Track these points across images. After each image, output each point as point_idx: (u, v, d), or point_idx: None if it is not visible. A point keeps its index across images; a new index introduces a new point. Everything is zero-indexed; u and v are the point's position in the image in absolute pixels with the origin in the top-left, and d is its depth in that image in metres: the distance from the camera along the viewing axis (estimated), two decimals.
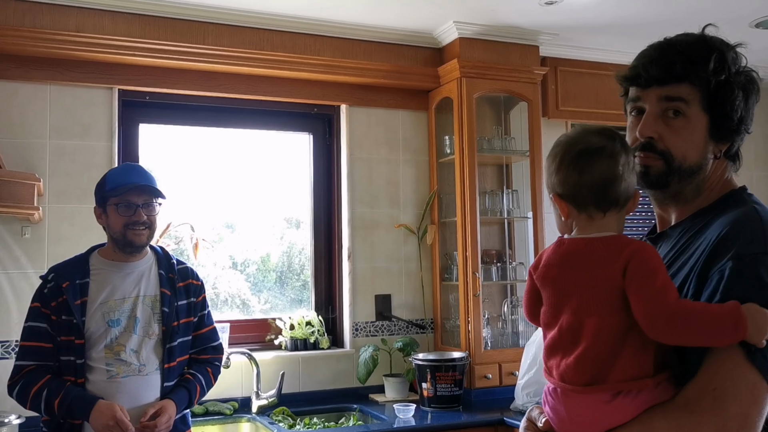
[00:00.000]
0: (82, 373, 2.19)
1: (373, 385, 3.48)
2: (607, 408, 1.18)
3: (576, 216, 1.26)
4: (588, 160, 1.25)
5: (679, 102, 1.29)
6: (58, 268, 2.29)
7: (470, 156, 3.51)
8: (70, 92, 3.14)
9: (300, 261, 3.80)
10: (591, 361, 1.19)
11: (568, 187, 1.26)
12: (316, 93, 3.57)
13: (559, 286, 1.25)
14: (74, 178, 3.11)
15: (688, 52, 1.29)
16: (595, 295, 1.20)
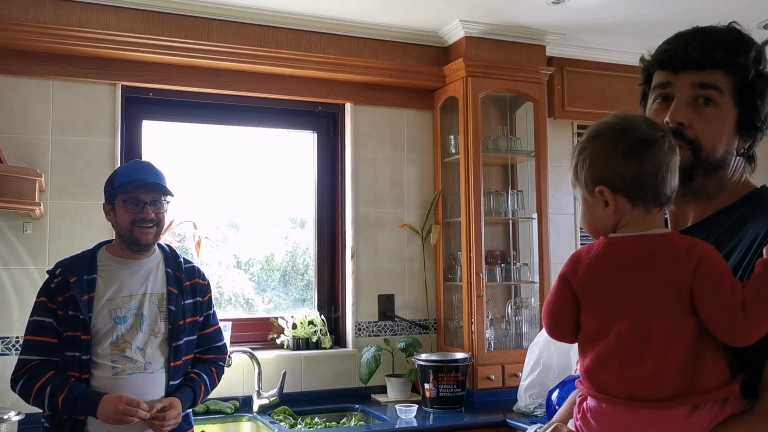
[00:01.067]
0: (87, 369, 2.17)
1: (375, 385, 3.46)
2: (685, 423, 1.07)
3: (629, 211, 1.16)
4: (647, 150, 1.14)
5: (713, 90, 1.23)
6: (65, 263, 2.27)
7: (475, 156, 3.49)
8: (73, 88, 3.12)
9: (304, 261, 3.78)
10: (672, 372, 1.07)
11: (624, 179, 1.14)
12: (320, 91, 3.55)
13: (612, 289, 1.12)
14: (77, 175, 3.10)
15: (726, 41, 1.24)
16: (662, 296, 1.09)
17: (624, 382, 1.10)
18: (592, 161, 1.17)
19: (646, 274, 1.11)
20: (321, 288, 3.69)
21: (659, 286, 1.09)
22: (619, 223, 1.17)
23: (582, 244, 4.09)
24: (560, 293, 1.19)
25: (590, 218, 1.21)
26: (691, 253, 1.09)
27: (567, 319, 1.19)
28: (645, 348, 1.08)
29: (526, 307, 3.64)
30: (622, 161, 1.15)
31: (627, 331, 1.10)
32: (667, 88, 1.28)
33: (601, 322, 1.13)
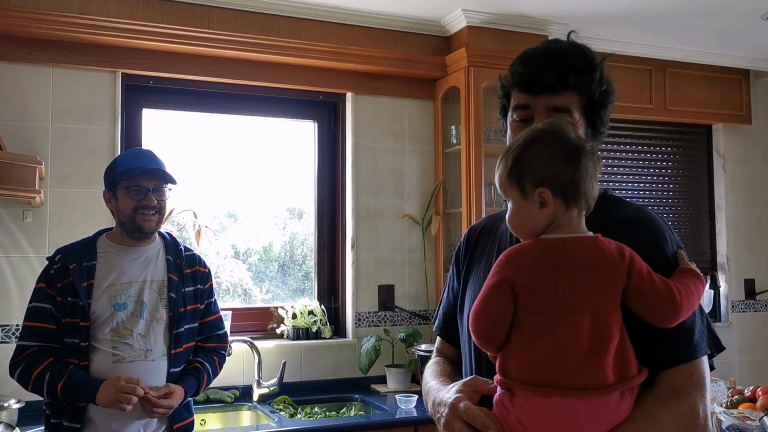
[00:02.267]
0: (86, 355, 2.17)
1: (375, 375, 3.46)
2: (620, 406, 1.18)
3: (562, 212, 1.23)
4: (581, 156, 1.23)
5: (566, 113, 1.36)
6: (65, 249, 2.26)
7: (477, 146, 3.48)
8: (74, 75, 3.11)
9: (302, 251, 3.77)
10: (613, 361, 1.17)
11: (562, 182, 1.22)
12: (321, 80, 3.53)
13: (566, 287, 1.18)
14: (77, 163, 3.09)
15: (575, 63, 1.36)
16: (606, 293, 1.18)
17: (581, 373, 1.15)
18: (531, 164, 1.23)
19: (591, 273, 1.18)
20: (321, 278, 3.69)
21: (603, 282, 1.18)
22: (552, 225, 1.23)
23: None
24: (501, 295, 1.20)
25: (523, 219, 1.25)
26: (623, 253, 1.21)
27: (505, 322, 1.20)
28: (596, 341, 1.16)
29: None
30: (562, 165, 1.22)
31: (580, 327, 1.16)
32: (527, 109, 1.40)
33: (551, 318, 1.17)
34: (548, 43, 1.45)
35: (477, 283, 1.50)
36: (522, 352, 1.19)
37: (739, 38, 3.91)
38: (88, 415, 2.17)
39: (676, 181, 4.48)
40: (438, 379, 1.48)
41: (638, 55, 4.04)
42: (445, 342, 1.65)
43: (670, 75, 4.18)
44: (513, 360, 1.19)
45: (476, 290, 1.47)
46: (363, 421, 2.94)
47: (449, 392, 1.31)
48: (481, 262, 1.53)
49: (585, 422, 1.15)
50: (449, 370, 1.55)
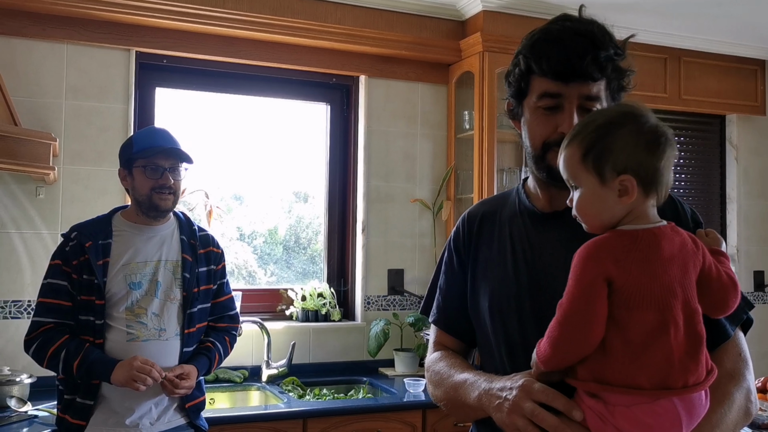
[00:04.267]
0: (100, 333, 2.18)
1: (383, 359, 3.47)
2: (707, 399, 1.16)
3: (641, 202, 1.16)
4: (664, 143, 1.16)
5: (596, 101, 1.31)
6: (80, 226, 2.26)
7: (490, 132, 3.46)
8: (88, 52, 3.10)
9: (307, 235, 3.76)
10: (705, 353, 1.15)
11: (646, 170, 1.14)
12: (335, 63, 3.51)
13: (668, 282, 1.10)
14: (90, 140, 3.08)
15: (609, 48, 1.30)
16: (692, 284, 1.13)
17: (685, 371, 1.10)
18: (614, 149, 1.14)
19: (680, 265, 1.13)
20: (330, 261, 3.69)
21: (690, 274, 1.13)
22: (628, 215, 1.15)
23: None
24: (600, 292, 1.09)
25: (599, 208, 1.15)
26: (697, 244, 1.17)
27: (604, 323, 1.10)
28: (693, 336, 1.12)
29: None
30: (646, 152, 1.14)
31: (681, 321, 1.11)
32: (557, 98, 1.31)
33: (658, 314, 1.09)
34: (571, 22, 1.33)
35: (494, 274, 1.43)
36: (627, 355, 1.09)
37: (756, 28, 3.87)
38: (102, 392, 2.18)
39: (688, 171, 4.46)
40: (470, 372, 1.38)
41: (653, 44, 4.00)
42: (444, 333, 1.55)
43: (685, 64, 4.15)
44: (613, 364, 1.10)
45: (494, 279, 1.42)
46: (372, 403, 2.95)
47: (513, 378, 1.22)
48: (492, 251, 1.45)
49: (685, 422, 1.11)
50: (467, 364, 1.46)
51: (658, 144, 1.15)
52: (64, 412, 2.20)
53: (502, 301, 1.39)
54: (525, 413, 1.14)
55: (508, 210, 1.49)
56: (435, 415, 2.94)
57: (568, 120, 1.29)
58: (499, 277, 1.42)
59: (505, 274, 1.41)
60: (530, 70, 1.34)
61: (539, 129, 1.34)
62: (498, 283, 1.42)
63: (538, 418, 1.13)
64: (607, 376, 1.10)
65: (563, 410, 1.12)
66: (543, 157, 1.34)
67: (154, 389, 2.19)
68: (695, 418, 1.13)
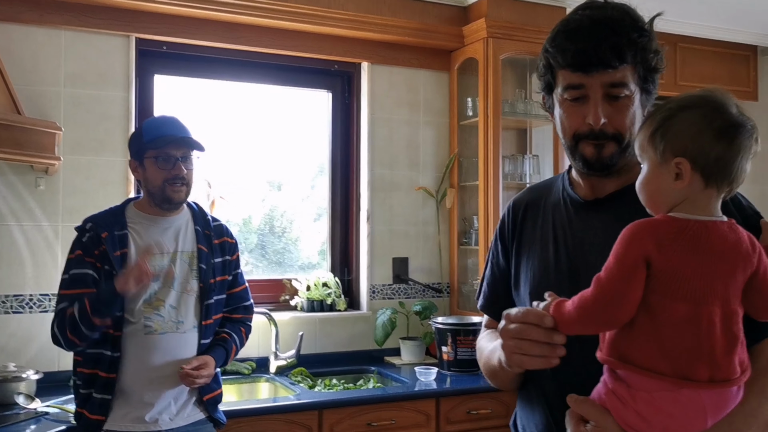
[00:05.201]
0: (119, 326, 2.12)
1: (388, 348, 3.45)
2: (738, 394, 1.14)
3: (699, 189, 1.13)
4: (738, 134, 1.12)
5: (622, 87, 1.29)
6: (94, 218, 2.20)
7: (495, 119, 3.44)
8: (86, 39, 3.01)
9: (281, 224, 3.69)
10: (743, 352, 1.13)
11: (708, 158, 1.11)
12: (337, 49, 3.46)
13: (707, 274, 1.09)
14: (90, 129, 3.00)
15: (628, 32, 1.27)
16: (736, 283, 1.11)
17: (713, 366, 1.09)
18: (678, 131, 1.13)
19: (728, 262, 1.11)
20: (334, 250, 3.65)
21: (736, 272, 1.11)
22: (685, 201, 1.14)
23: None
24: (638, 271, 1.09)
25: (655, 187, 1.16)
26: (754, 244, 1.13)
27: (636, 301, 1.10)
28: (728, 333, 1.10)
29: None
30: (711, 139, 1.11)
31: (717, 317, 1.09)
32: (581, 89, 1.31)
33: (688, 307, 1.08)
34: (591, 10, 1.31)
35: (535, 260, 1.44)
36: (652, 340, 1.10)
37: (748, 14, 3.89)
38: (120, 387, 2.13)
39: None
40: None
41: None
42: (491, 319, 1.58)
43: (681, 50, 4.16)
44: (638, 346, 1.11)
45: (536, 266, 1.44)
46: (386, 393, 2.92)
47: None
48: (535, 238, 1.46)
49: (710, 415, 1.10)
50: None
51: (727, 134, 1.11)
52: (82, 407, 2.15)
53: (542, 288, 1.38)
54: (512, 334, 1.19)
55: (553, 197, 1.50)
56: (448, 404, 2.93)
57: (593, 110, 1.30)
58: (540, 264, 1.44)
59: (546, 260, 1.43)
60: (553, 63, 1.35)
61: (569, 121, 1.34)
62: (539, 270, 1.44)
63: (524, 333, 1.17)
64: (631, 355, 1.11)
65: (536, 321, 1.16)
66: (576, 148, 1.35)
67: (174, 381, 2.15)
68: (723, 412, 1.12)
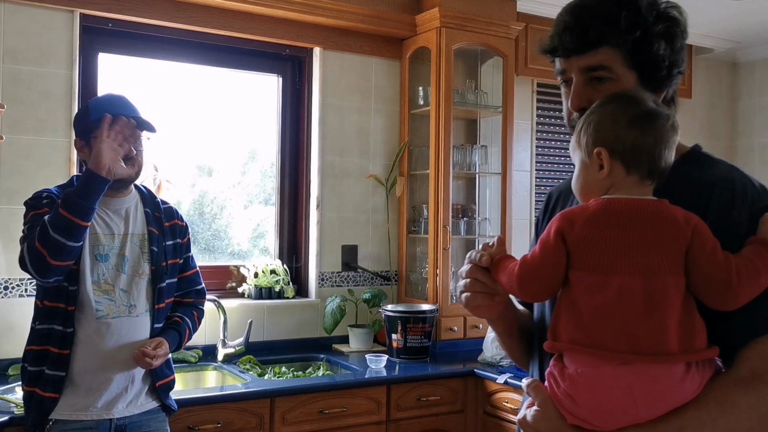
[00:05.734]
0: (74, 300, 2.05)
1: (336, 335, 3.44)
2: (683, 384, 1.08)
3: (621, 176, 1.17)
4: (652, 122, 1.16)
5: (602, 70, 1.25)
6: (48, 190, 2.12)
7: (446, 108, 3.47)
8: (27, 13, 2.87)
9: (212, 210, 3.63)
10: (676, 327, 1.08)
11: (624, 145, 1.16)
12: (290, 33, 3.41)
13: (612, 245, 1.11)
14: (31, 108, 2.87)
15: (600, 14, 1.24)
16: (665, 253, 1.10)
17: (628, 336, 1.08)
18: (597, 125, 1.19)
19: (646, 232, 1.12)
20: (282, 237, 3.61)
21: (661, 243, 1.11)
22: (611, 189, 1.18)
23: (537, 201, 4.17)
24: (556, 250, 1.15)
25: (584, 181, 1.22)
26: (689, 220, 1.13)
27: (557, 278, 1.15)
28: (650, 302, 1.08)
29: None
30: (625, 128, 1.16)
31: (630, 286, 1.09)
32: (566, 74, 1.31)
33: (597, 278, 1.11)
34: None
35: None
36: (569, 312, 1.14)
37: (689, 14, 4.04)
38: (71, 371, 2.05)
39: None
40: None
41: None
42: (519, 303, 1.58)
43: None
44: (561, 321, 1.15)
45: None
46: (338, 380, 2.92)
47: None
48: None
49: (639, 397, 1.07)
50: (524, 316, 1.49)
51: (641, 121, 1.16)
52: (31, 386, 2.06)
53: None
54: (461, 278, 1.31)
55: None
56: (399, 391, 2.95)
57: (572, 97, 1.29)
58: None
59: None
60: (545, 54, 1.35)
61: (565, 105, 1.35)
62: None
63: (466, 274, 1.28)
64: (558, 332, 1.15)
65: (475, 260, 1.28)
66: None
67: (126, 366, 2.10)
68: (660, 400, 1.08)
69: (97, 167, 1.99)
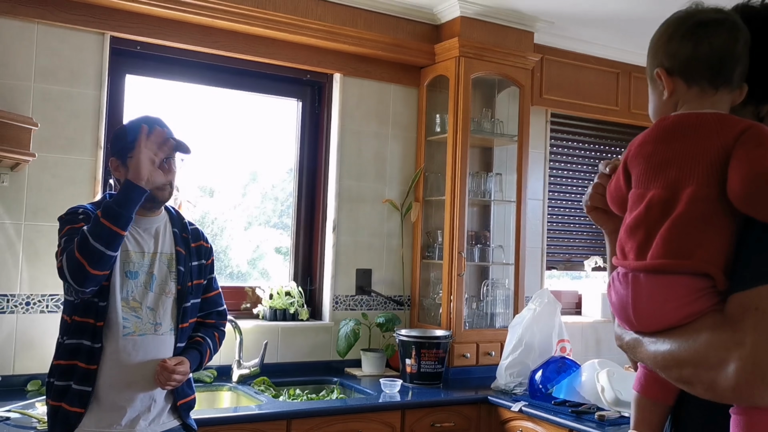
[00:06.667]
0: (103, 315, 2.08)
1: (349, 359, 3.46)
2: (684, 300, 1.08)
3: (684, 92, 1.17)
4: (705, 31, 1.14)
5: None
6: (84, 206, 2.16)
7: (464, 136, 3.52)
8: (59, 34, 2.93)
9: (212, 231, 3.66)
10: (678, 233, 1.08)
11: (680, 59, 1.16)
12: (312, 59, 3.48)
13: (652, 160, 1.15)
14: (59, 126, 2.92)
15: None
16: (698, 164, 1.09)
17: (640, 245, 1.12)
18: (654, 48, 1.20)
19: (686, 145, 1.12)
20: (297, 260, 3.65)
21: (696, 155, 1.10)
22: (678, 105, 1.19)
23: (549, 229, 4.22)
24: (618, 174, 1.23)
25: (653, 106, 1.24)
26: (738, 125, 1.09)
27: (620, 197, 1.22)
28: (669, 211, 1.10)
29: (500, 287, 3.72)
30: (678, 42, 1.16)
31: (657, 197, 1.12)
32: None
33: (639, 192, 1.16)
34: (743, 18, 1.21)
35: None
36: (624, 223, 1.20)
37: None
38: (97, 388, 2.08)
39: None
40: None
41: (608, 58, 4.19)
42: None
43: (635, 79, 4.34)
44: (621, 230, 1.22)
45: None
46: (357, 404, 2.93)
47: None
48: None
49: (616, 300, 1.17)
50: None
51: (693, 33, 1.15)
52: (58, 401, 2.07)
53: None
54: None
55: None
56: (413, 416, 2.96)
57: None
58: None
59: None
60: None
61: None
62: None
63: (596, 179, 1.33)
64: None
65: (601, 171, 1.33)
66: None
67: (149, 384, 2.12)
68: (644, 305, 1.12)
69: (136, 178, 2.04)
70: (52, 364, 2.14)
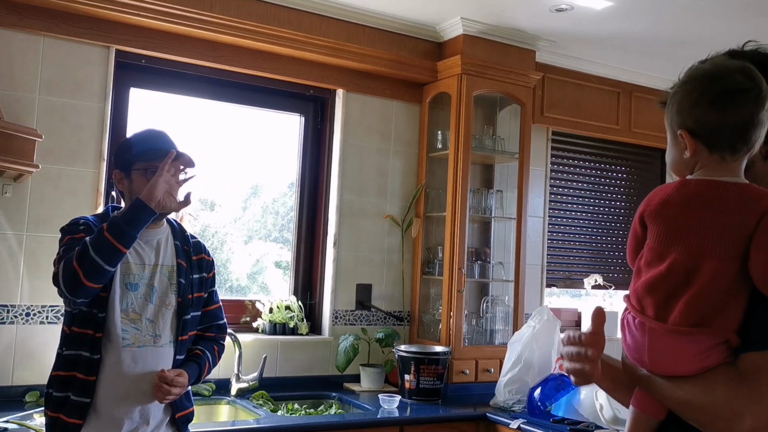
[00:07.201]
0: (102, 327, 2.08)
1: (348, 374, 3.45)
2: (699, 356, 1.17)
3: (705, 156, 1.21)
4: (732, 102, 1.18)
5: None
6: (86, 218, 2.17)
7: (465, 153, 3.54)
8: (65, 47, 2.96)
9: (212, 244, 3.67)
10: (702, 304, 1.15)
11: (705, 127, 1.19)
12: (315, 75, 3.50)
13: (674, 224, 1.19)
14: (63, 138, 2.94)
15: None
16: (719, 239, 1.15)
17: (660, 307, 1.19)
18: (679, 106, 1.22)
19: (707, 216, 1.17)
20: (297, 274, 3.65)
21: (718, 229, 1.15)
22: (696, 167, 1.23)
23: (549, 247, 4.22)
24: (634, 225, 1.28)
25: (672, 159, 1.28)
26: (760, 203, 1.15)
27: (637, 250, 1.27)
28: (691, 281, 1.16)
29: (500, 304, 3.72)
30: (705, 109, 1.19)
31: (680, 264, 1.17)
32: None
33: (658, 251, 1.21)
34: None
35: None
36: (636, 277, 1.26)
37: None
38: (94, 403, 2.08)
39: (629, 199, 4.66)
40: None
41: (609, 77, 4.22)
42: None
43: (635, 99, 4.37)
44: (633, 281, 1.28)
45: None
46: (356, 419, 2.93)
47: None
48: None
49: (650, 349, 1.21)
50: None
51: (721, 101, 1.18)
52: (56, 412, 2.07)
53: None
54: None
55: None
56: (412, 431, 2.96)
57: None
58: None
59: None
60: None
61: None
62: None
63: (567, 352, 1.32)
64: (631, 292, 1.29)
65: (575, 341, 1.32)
66: None
67: (148, 396, 2.12)
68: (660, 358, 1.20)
69: (148, 198, 2.05)
70: (51, 375, 2.14)
